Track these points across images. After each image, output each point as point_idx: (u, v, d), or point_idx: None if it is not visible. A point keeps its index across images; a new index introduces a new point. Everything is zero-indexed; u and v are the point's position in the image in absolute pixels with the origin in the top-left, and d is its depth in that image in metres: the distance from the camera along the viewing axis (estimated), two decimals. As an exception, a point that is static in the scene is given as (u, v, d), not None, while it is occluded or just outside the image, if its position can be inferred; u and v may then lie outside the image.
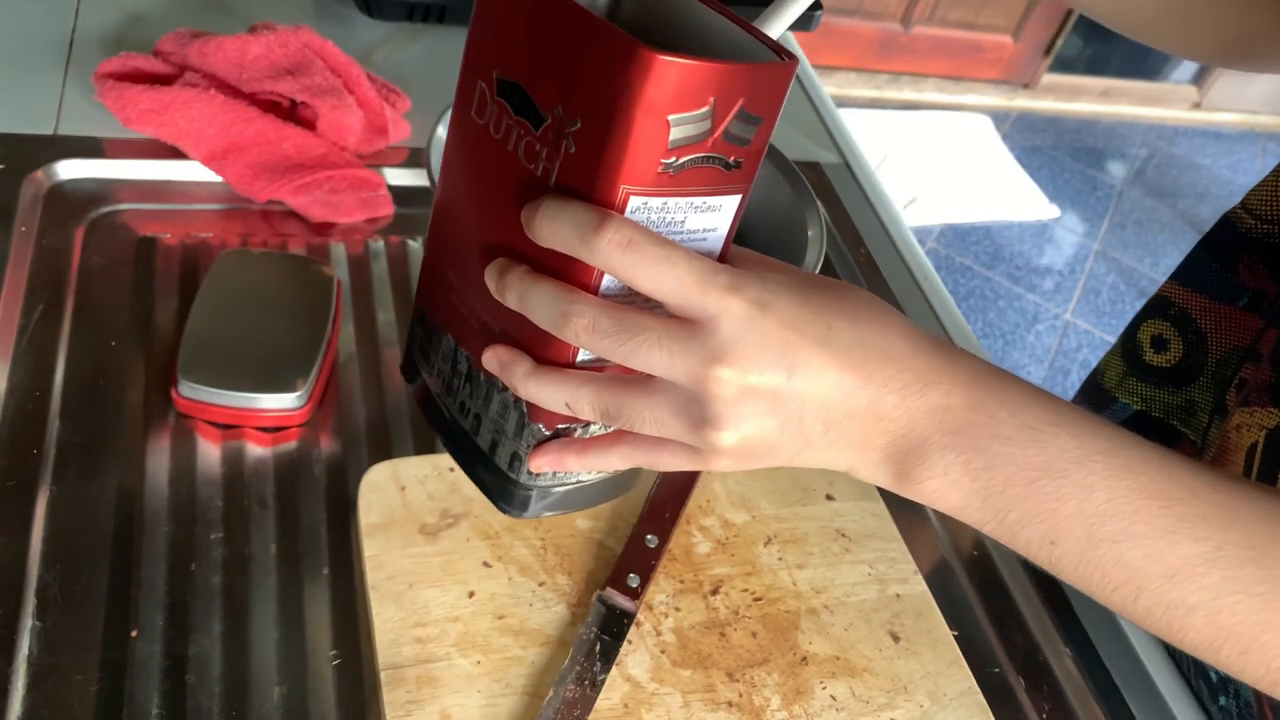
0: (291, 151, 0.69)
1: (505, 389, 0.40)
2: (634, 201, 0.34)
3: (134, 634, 0.47)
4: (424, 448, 0.58)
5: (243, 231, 0.68)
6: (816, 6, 0.93)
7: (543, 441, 0.40)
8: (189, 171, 0.69)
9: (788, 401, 0.34)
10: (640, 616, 0.52)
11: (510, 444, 0.42)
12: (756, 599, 0.54)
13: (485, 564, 0.52)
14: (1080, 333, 2.41)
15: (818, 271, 0.60)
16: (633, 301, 0.36)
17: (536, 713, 0.46)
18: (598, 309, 0.34)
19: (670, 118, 0.32)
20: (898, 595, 0.56)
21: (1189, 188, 3.10)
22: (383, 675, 0.46)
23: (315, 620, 0.50)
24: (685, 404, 0.35)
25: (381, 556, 0.50)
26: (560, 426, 0.40)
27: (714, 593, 0.54)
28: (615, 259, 0.33)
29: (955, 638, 0.55)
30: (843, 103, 2.80)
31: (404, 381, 0.50)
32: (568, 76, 0.33)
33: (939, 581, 0.59)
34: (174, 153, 0.69)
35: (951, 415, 0.34)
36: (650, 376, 0.35)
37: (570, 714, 0.46)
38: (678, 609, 0.53)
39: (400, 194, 0.72)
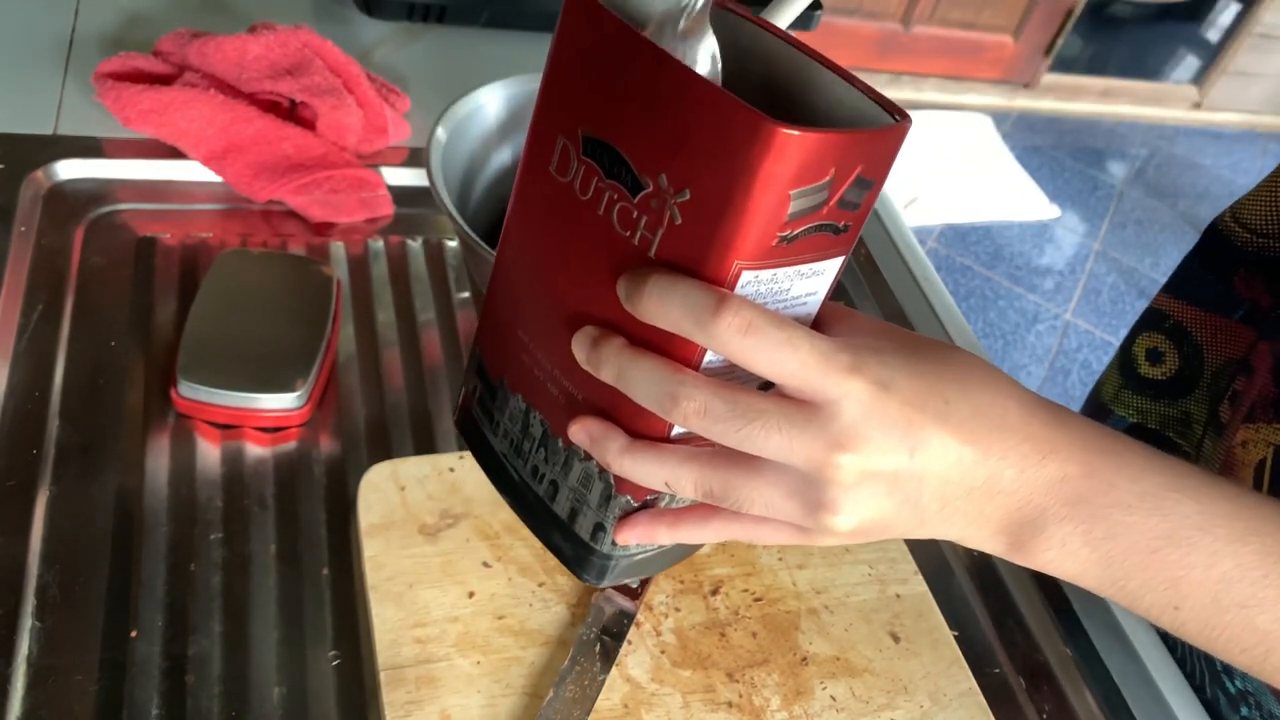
0: (291, 151, 0.69)
1: (588, 457, 0.38)
2: (745, 276, 0.32)
3: (133, 634, 0.47)
4: (424, 448, 0.58)
5: (242, 231, 0.68)
6: (816, 6, 0.93)
7: (630, 513, 0.38)
8: (189, 171, 0.69)
9: (907, 482, 0.33)
10: (640, 617, 0.52)
11: (593, 514, 0.40)
12: (756, 599, 0.54)
13: (485, 564, 0.52)
14: (1080, 333, 2.41)
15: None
16: (735, 374, 0.34)
17: (536, 713, 0.46)
18: (709, 392, 0.32)
19: (791, 192, 0.30)
20: (898, 595, 0.56)
21: (1189, 188, 3.10)
22: (383, 675, 0.46)
23: (315, 620, 0.50)
24: (799, 487, 0.34)
25: (381, 557, 0.50)
26: (649, 498, 0.38)
27: (714, 593, 0.54)
28: (735, 343, 0.31)
29: (955, 638, 0.55)
30: (843, 103, 2.79)
31: (457, 431, 0.47)
32: (673, 144, 0.31)
33: (939, 581, 0.59)
34: (174, 153, 0.69)
35: (1070, 485, 0.34)
36: (758, 456, 0.34)
37: (570, 714, 0.46)
38: (678, 609, 0.53)
39: (400, 194, 0.72)
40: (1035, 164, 2.96)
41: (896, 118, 0.32)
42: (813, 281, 0.34)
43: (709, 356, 0.33)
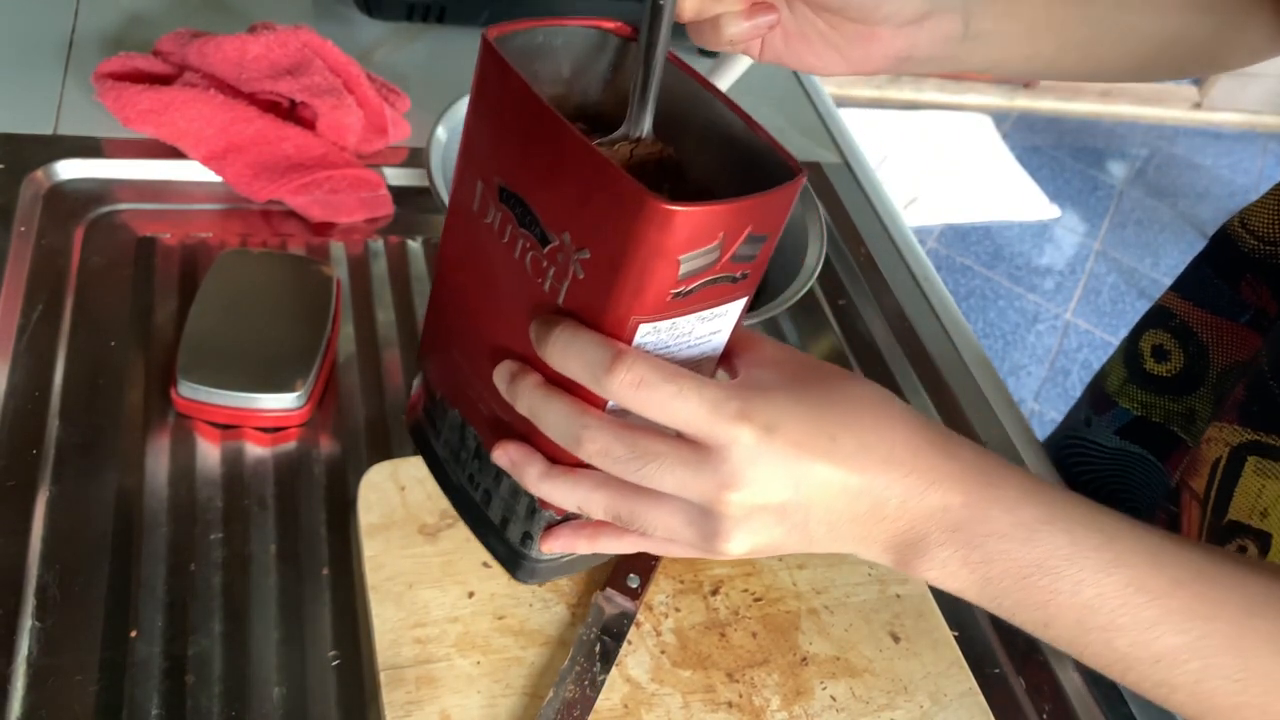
0: (291, 151, 0.69)
1: None
2: (643, 328, 0.34)
3: (133, 634, 0.47)
4: (424, 448, 0.58)
5: (242, 231, 0.68)
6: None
7: (553, 525, 0.41)
8: (189, 171, 0.69)
9: (794, 512, 0.36)
10: (640, 617, 0.52)
11: (521, 524, 0.42)
12: (756, 599, 0.54)
13: (485, 564, 0.52)
14: (1080, 333, 2.41)
15: (818, 272, 0.60)
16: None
17: (536, 713, 0.46)
18: (610, 435, 0.35)
19: (681, 257, 0.32)
20: (898, 595, 0.56)
21: (1189, 188, 3.10)
22: (382, 675, 0.46)
23: (315, 620, 0.50)
24: (696, 516, 0.36)
25: (381, 557, 0.50)
26: (570, 512, 0.41)
27: (714, 593, 0.54)
28: (627, 397, 0.34)
29: (955, 638, 0.55)
30: (843, 103, 2.80)
31: (407, 429, 0.51)
32: (574, 206, 0.33)
33: (939, 582, 0.59)
34: (174, 153, 0.69)
35: (950, 514, 0.36)
36: None
37: (570, 714, 0.46)
38: (678, 609, 0.53)
39: (400, 194, 0.72)
40: (1035, 164, 2.96)
41: (788, 163, 0.34)
42: (715, 323, 0.36)
43: None
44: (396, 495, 0.53)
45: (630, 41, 0.38)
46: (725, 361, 0.39)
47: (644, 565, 0.53)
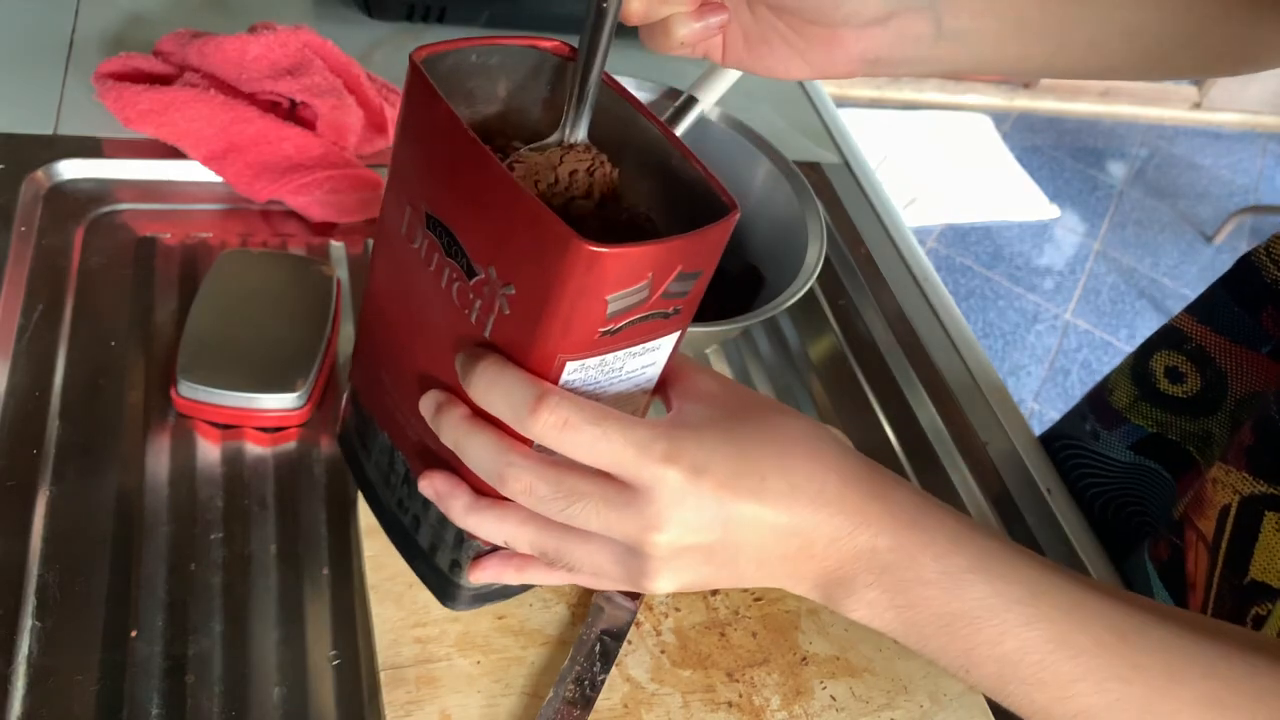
0: (291, 151, 0.69)
1: None
2: (571, 365, 0.33)
3: (133, 634, 0.47)
4: (424, 448, 0.58)
5: (243, 231, 0.68)
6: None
7: (481, 555, 0.41)
8: (189, 171, 0.69)
9: (721, 551, 0.36)
10: (640, 616, 0.52)
11: (450, 552, 0.42)
12: (756, 599, 0.54)
13: (485, 564, 0.52)
14: (1080, 333, 2.41)
15: (818, 272, 0.60)
16: None
17: (536, 713, 0.46)
18: (535, 473, 0.35)
19: (608, 297, 0.31)
20: (898, 595, 0.56)
21: (1189, 188, 3.10)
22: (383, 675, 0.46)
23: (315, 620, 0.50)
24: (623, 556, 0.36)
25: (381, 556, 0.50)
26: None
27: (714, 593, 0.54)
28: (551, 439, 0.34)
29: (955, 638, 0.55)
30: (843, 103, 2.80)
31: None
32: (500, 241, 0.32)
33: (939, 581, 0.59)
34: (174, 153, 0.69)
35: (878, 557, 0.36)
36: None
37: (570, 714, 0.46)
38: (678, 609, 0.53)
39: (400, 194, 0.72)
40: (1035, 164, 2.96)
41: (726, 208, 0.33)
42: (647, 357, 0.36)
43: None
44: (396, 495, 0.53)
45: (569, 61, 0.37)
46: (660, 392, 0.39)
47: (644, 565, 0.53)
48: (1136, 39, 0.51)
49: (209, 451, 0.55)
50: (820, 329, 0.76)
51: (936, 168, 2.79)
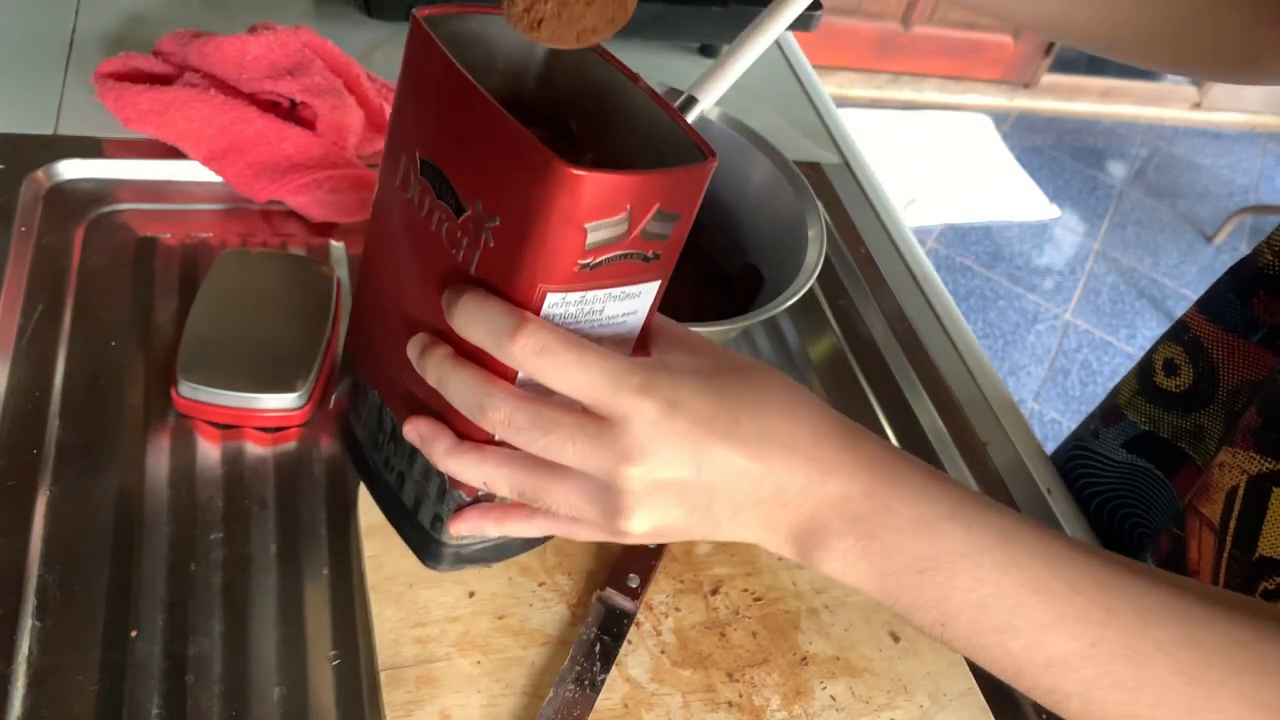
0: (291, 151, 0.69)
1: None
2: (552, 298, 0.34)
3: (134, 634, 0.47)
4: (424, 448, 0.58)
5: (243, 231, 0.68)
6: (816, 6, 0.93)
7: (463, 507, 0.41)
8: (189, 171, 0.69)
9: (695, 492, 0.36)
10: (640, 616, 0.52)
11: (433, 506, 0.42)
12: (756, 599, 0.54)
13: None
14: (1080, 333, 2.41)
15: (817, 272, 0.60)
16: (550, 391, 0.36)
17: (536, 713, 0.46)
18: (513, 404, 0.36)
19: (587, 225, 0.32)
20: (898, 595, 0.56)
21: (1189, 188, 3.10)
22: (383, 675, 0.46)
23: (315, 620, 0.50)
24: (598, 493, 0.36)
25: (381, 556, 0.50)
26: (481, 493, 0.41)
27: (714, 593, 0.54)
28: (529, 364, 0.34)
29: (955, 638, 0.55)
30: (843, 103, 2.80)
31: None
32: (485, 174, 0.33)
33: (939, 581, 0.59)
34: (174, 153, 0.69)
35: (851, 504, 0.36)
36: (564, 464, 0.36)
37: (570, 714, 0.46)
38: (678, 609, 0.53)
39: (400, 194, 0.72)
40: (1035, 164, 2.96)
41: (702, 151, 0.34)
42: (628, 303, 0.36)
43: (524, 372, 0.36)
44: (397, 495, 0.53)
45: None
46: (641, 348, 0.39)
47: (644, 565, 0.53)
48: (1148, 6, 0.52)
49: (209, 451, 0.55)
50: (820, 329, 0.76)
51: (936, 168, 2.79)
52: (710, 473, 0.35)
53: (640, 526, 0.36)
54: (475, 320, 0.35)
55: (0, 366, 0.55)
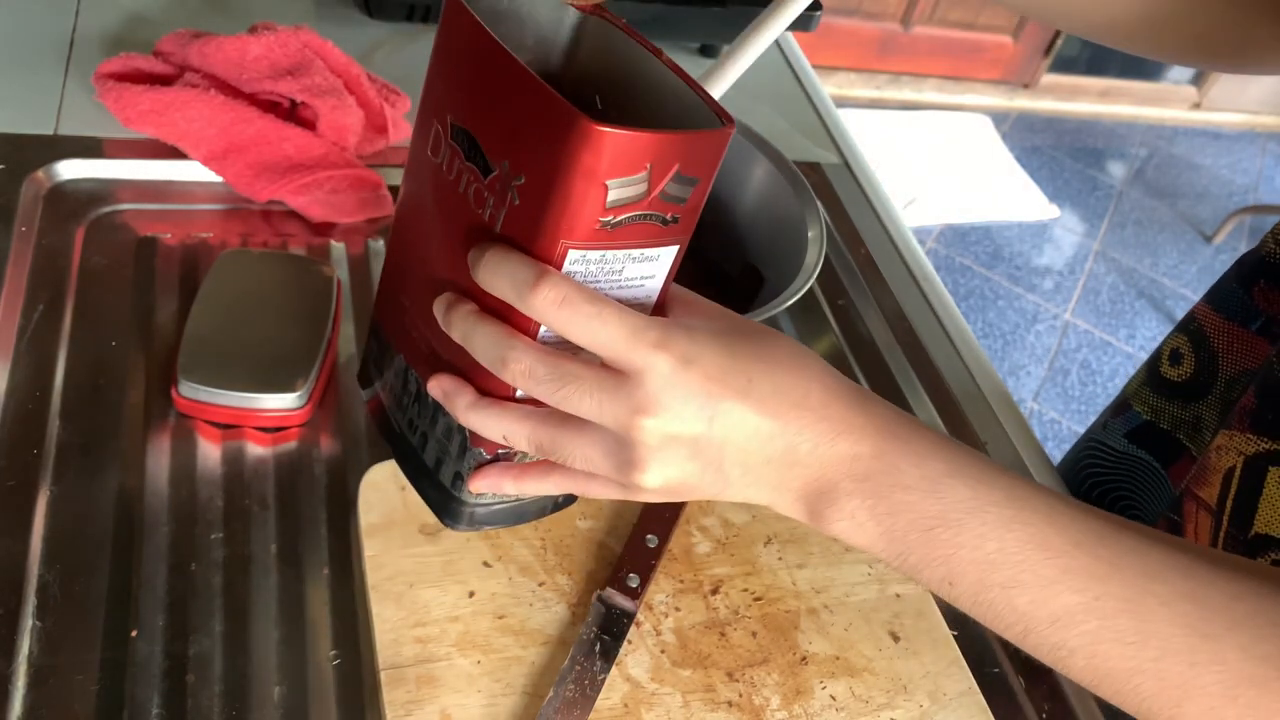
0: (292, 152, 0.69)
1: (448, 412, 0.41)
2: (573, 255, 0.35)
3: (134, 634, 0.47)
4: (424, 448, 0.58)
5: (243, 231, 0.68)
6: (816, 6, 0.93)
7: (483, 464, 0.42)
8: (189, 171, 0.69)
9: (707, 447, 0.37)
10: (640, 616, 0.52)
11: (453, 464, 0.43)
12: (756, 599, 0.54)
13: (485, 564, 0.52)
14: (1080, 333, 2.41)
15: (817, 272, 0.60)
16: (570, 346, 0.37)
17: (536, 713, 0.46)
18: (534, 356, 0.37)
19: (608, 182, 0.33)
20: (897, 595, 0.56)
21: (1189, 188, 3.10)
22: (383, 675, 0.46)
23: (315, 620, 0.50)
24: (613, 447, 0.37)
25: (381, 556, 0.50)
26: (500, 451, 0.42)
27: (714, 593, 0.54)
28: (550, 314, 0.35)
29: (955, 637, 0.55)
30: (843, 103, 2.80)
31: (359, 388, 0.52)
32: (513, 133, 0.35)
33: (939, 581, 0.59)
34: (174, 153, 0.69)
35: (860, 463, 0.37)
36: (582, 418, 0.37)
37: (570, 714, 0.46)
38: (678, 609, 0.53)
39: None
40: (1035, 164, 2.96)
41: (722, 120, 0.35)
42: (647, 266, 0.37)
43: (545, 328, 0.37)
44: (397, 495, 0.53)
45: (591, 17, 0.40)
46: (659, 314, 0.40)
47: (644, 565, 0.53)
48: None
49: (209, 451, 0.55)
50: (820, 329, 0.76)
51: (936, 168, 2.79)
52: (723, 428, 0.36)
53: (653, 480, 0.37)
54: (498, 273, 0.36)
55: (0, 366, 0.55)
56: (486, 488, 0.42)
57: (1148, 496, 0.69)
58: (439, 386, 0.41)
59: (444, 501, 0.45)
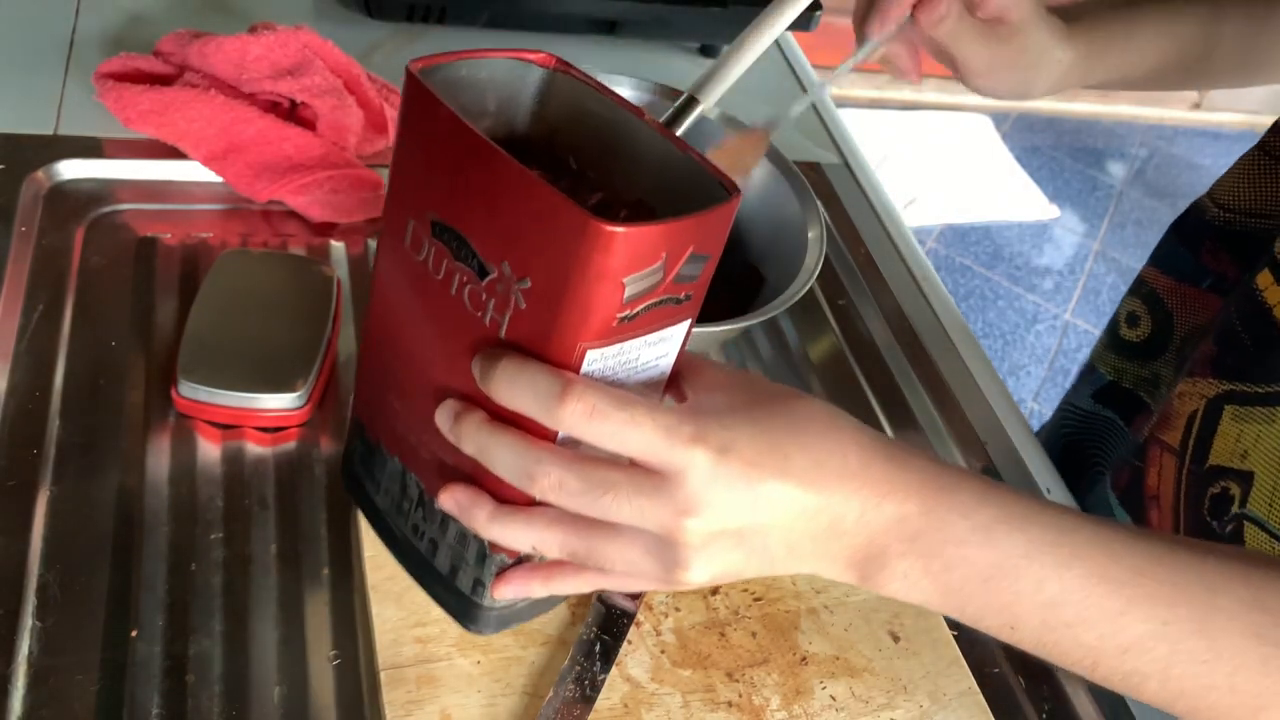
0: (292, 152, 0.69)
1: None
2: (591, 355, 0.33)
3: (134, 634, 0.47)
4: (424, 448, 0.58)
5: (243, 231, 0.68)
6: (816, 6, 0.93)
7: (505, 569, 0.40)
8: (189, 171, 0.69)
9: (752, 536, 0.36)
10: (640, 616, 0.52)
11: (472, 571, 0.41)
12: (756, 599, 0.54)
13: (485, 564, 0.52)
14: (1080, 333, 2.41)
15: (817, 273, 0.60)
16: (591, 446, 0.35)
17: (536, 713, 0.46)
18: (564, 468, 0.35)
19: (625, 280, 0.32)
20: (897, 595, 0.56)
21: (1189, 188, 3.10)
22: (383, 675, 0.46)
23: (315, 620, 0.50)
24: (655, 547, 0.36)
25: (381, 556, 0.50)
26: (522, 554, 0.40)
27: (714, 593, 0.54)
28: (580, 428, 0.34)
29: (955, 637, 0.55)
30: (843, 103, 2.80)
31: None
32: (510, 233, 0.32)
33: (939, 581, 0.59)
34: (174, 153, 0.69)
35: (907, 524, 0.36)
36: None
37: (570, 714, 0.46)
38: (678, 609, 0.53)
39: (400, 194, 0.72)
40: (1035, 164, 2.96)
41: (724, 185, 0.34)
42: (661, 347, 0.36)
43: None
44: (397, 495, 0.53)
45: (555, 73, 0.38)
46: (672, 387, 0.39)
47: (644, 565, 0.53)
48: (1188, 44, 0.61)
49: (209, 451, 0.55)
50: (820, 329, 0.76)
51: (936, 168, 2.79)
52: (766, 513, 0.35)
53: (700, 576, 0.36)
54: (517, 386, 0.34)
55: (0, 366, 0.55)
56: (514, 593, 0.41)
57: (1110, 451, 0.72)
58: (452, 500, 0.39)
59: (464, 607, 0.43)
